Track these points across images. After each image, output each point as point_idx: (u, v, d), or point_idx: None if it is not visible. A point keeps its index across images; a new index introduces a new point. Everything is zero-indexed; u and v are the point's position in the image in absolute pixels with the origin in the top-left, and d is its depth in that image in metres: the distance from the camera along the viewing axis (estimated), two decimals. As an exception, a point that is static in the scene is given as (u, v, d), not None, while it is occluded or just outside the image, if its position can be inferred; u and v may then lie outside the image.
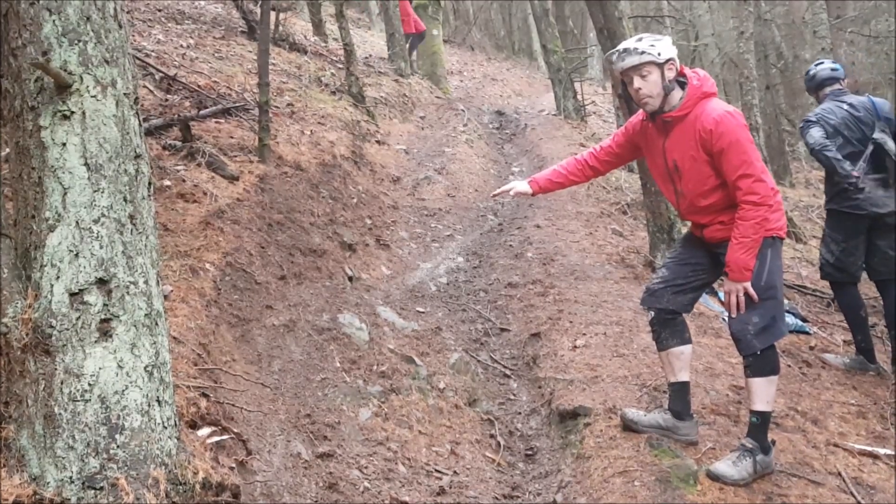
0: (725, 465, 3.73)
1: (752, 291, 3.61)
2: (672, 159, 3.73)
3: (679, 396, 4.05)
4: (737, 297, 3.64)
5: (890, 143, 5.22)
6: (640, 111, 3.91)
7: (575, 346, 5.41)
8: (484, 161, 11.34)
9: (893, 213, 5.26)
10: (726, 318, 4.26)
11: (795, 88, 16.66)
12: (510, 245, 7.72)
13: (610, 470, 4.00)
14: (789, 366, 5.39)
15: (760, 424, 3.77)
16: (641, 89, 3.64)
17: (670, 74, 3.66)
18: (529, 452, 4.65)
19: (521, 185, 4.30)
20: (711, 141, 3.53)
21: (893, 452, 4.29)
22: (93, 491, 2.40)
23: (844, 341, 6.05)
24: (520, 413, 5.08)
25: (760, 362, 3.71)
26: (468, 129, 12.52)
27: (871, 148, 5.25)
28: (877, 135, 5.26)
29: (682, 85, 3.72)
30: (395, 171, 9.77)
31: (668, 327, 3.95)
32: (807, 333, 6.05)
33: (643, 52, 3.60)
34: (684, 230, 4.29)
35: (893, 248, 5.30)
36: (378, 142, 10.48)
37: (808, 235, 9.80)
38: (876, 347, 5.52)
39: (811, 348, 5.80)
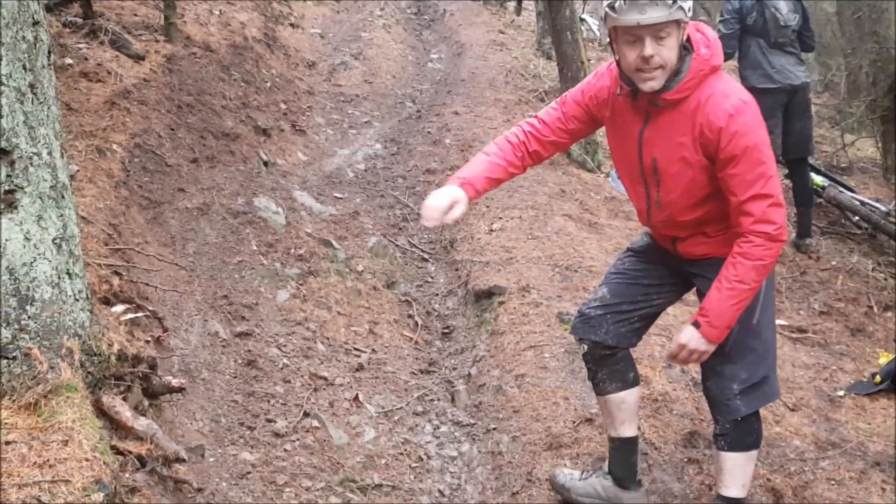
0: None
1: (708, 352, 2.62)
2: (651, 157, 2.61)
3: (621, 458, 3.02)
4: (689, 355, 2.63)
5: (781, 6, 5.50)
6: (602, 73, 2.76)
7: (491, 230, 5.52)
8: (402, 47, 11.12)
9: (806, 87, 5.54)
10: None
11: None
12: (428, 132, 7.69)
13: (522, 344, 4.18)
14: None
15: None
16: (654, 57, 2.42)
17: (683, 38, 2.49)
18: (446, 331, 4.80)
19: (458, 204, 2.59)
20: (719, 143, 2.46)
21: (787, 323, 4.60)
22: (5, 360, 2.37)
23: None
24: (437, 294, 5.19)
25: (741, 431, 2.75)
26: (385, 14, 12.19)
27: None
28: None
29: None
30: (311, 56, 9.50)
31: (606, 366, 2.92)
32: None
33: (673, 3, 2.36)
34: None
35: (808, 128, 5.61)
36: (292, 24, 10.13)
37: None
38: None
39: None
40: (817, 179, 6.31)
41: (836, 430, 3.61)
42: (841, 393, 3.97)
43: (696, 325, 2.55)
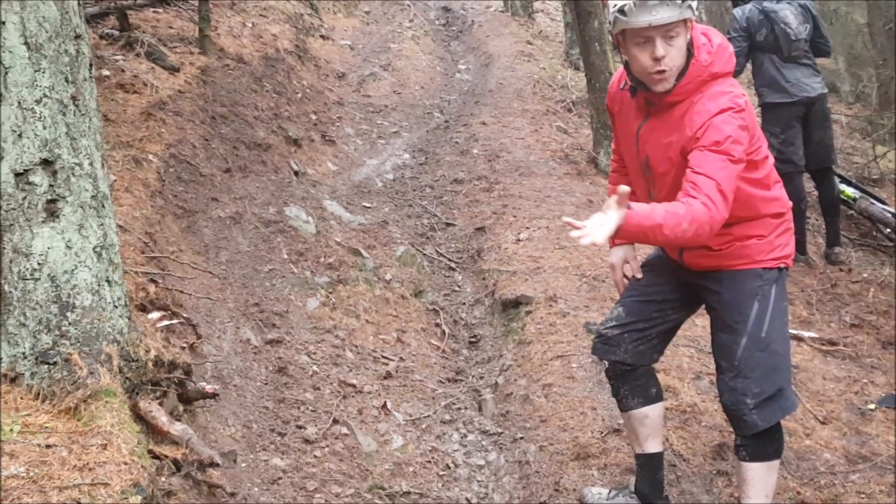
0: None
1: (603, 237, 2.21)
2: (645, 154, 2.68)
3: (646, 474, 3.01)
4: (586, 234, 2.21)
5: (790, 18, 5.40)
6: (617, 72, 2.82)
7: (518, 240, 5.54)
8: (430, 58, 11.20)
9: (823, 97, 5.49)
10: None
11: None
12: (456, 142, 7.74)
13: (549, 353, 4.19)
14: (722, 258, 5.60)
15: None
16: (666, 58, 2.46)
17: (689, 37, 2.53)
18: (473, 340, 4.83)
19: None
20: (696, 135, 2.47)
21: (817, 336, 4.57)
22: (46, 366, 2.45)
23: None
24: (464, 303, 5.23)
25: (760, 443, 2.74)
26: (414, 25, 12.30)
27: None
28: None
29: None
30: (340, 67, 9.62)
31: (628, 382, 2.92)
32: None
33: (682, 2, 2.41)
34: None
35: (828, 138, 5.55)
36: (322, 36, 10.26)
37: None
38: (807, 240, 5.76)
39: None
40: (848, 191, 6.26)
41: (866, 444, 3.58)
42: (872, 406, 3.93)
43: (629, 208, 2.28)
